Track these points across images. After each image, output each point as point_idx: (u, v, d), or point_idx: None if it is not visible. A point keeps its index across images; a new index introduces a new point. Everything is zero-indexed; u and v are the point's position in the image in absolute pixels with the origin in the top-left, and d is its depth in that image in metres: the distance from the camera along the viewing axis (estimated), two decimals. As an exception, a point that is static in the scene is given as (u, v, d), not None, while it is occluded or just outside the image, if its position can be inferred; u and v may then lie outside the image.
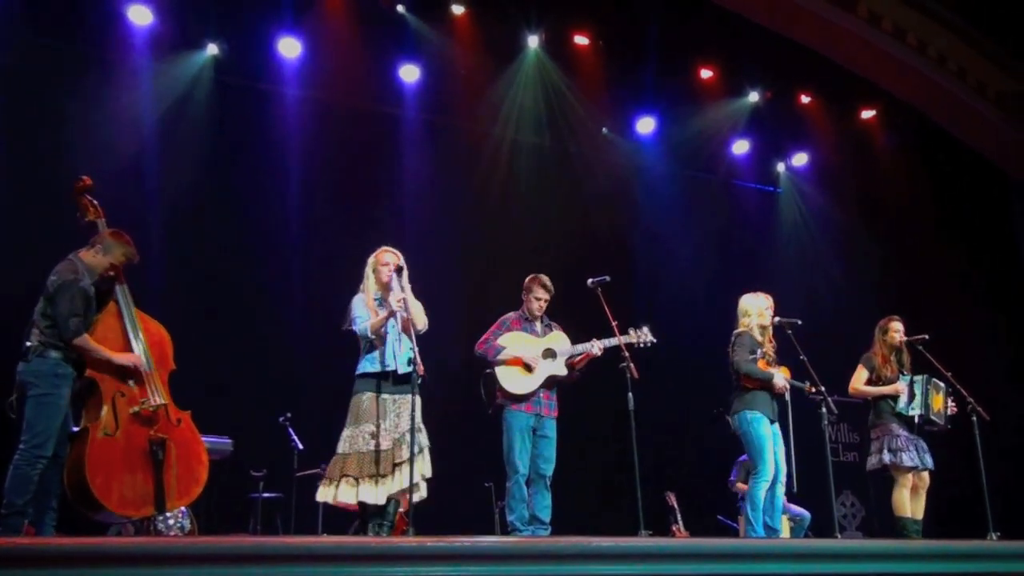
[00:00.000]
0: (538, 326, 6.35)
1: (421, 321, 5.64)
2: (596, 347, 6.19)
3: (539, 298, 6.33)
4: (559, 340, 6.29)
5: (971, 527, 7.14)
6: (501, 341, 6.22)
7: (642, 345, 6.21)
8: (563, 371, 6.24)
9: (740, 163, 11.52)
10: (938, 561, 4.82)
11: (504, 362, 6.17)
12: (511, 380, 6.14)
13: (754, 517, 6.32)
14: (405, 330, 5.52)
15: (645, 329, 6.27)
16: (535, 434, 6.12)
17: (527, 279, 6.43)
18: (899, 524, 6.86)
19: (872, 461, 7.00)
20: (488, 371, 6.23)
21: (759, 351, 6.48)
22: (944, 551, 5.04)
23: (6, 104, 7.70)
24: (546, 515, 6.00)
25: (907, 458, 6.80)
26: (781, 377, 6.46)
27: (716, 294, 9.41)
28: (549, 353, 6.23)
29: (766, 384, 6.41)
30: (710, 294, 9.89)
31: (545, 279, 6.38)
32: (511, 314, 6.39)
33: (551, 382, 6.23)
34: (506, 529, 6.06)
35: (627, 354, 5.98)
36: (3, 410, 5.04)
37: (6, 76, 7.69)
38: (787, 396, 6.47)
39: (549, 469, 6.09)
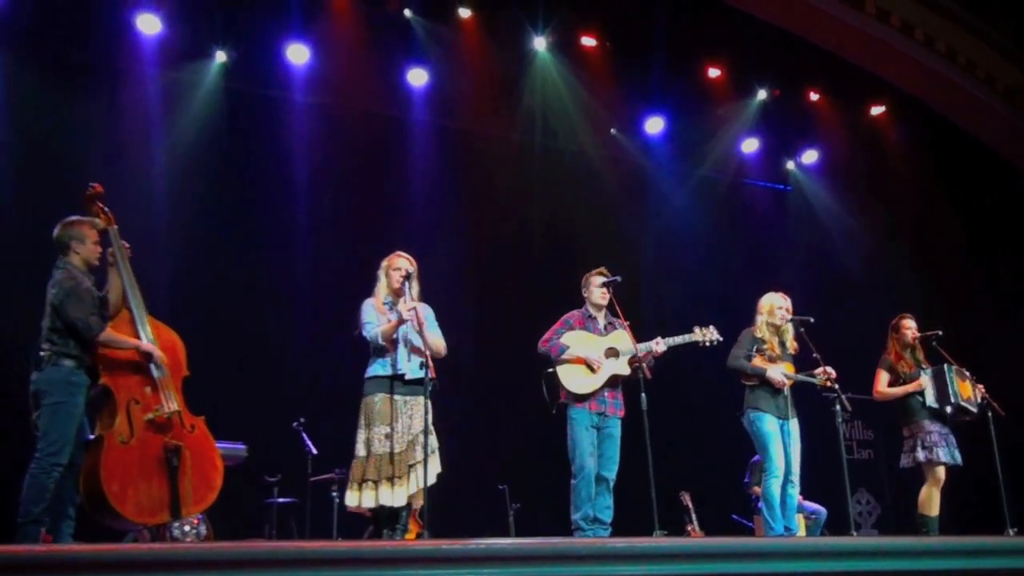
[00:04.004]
0: (601, 324, 6.26)
1: (440, 346, 5.67)
2: (659, 345, 6.12)
3: (600, 286, 6.27)
4: (622, 339, 6.17)
5: (988, 523, 7.09)
6: (564, 340, 6.15)
7: (708, 343, 6.16)
8: (626, 370, 6.11)
9: (750, 161, 11.49)
10: (955, 558, 4.78)
11: (567, 361, 6.10)
12: (573, 379, 6.07)
13: (770, 515, 6.28)
14: (416, 351, 5.53)
15: (712, 327, 6.22)
16: (599, 433, 6.03)
17: (583, 278, 6.37)
18: (920, 520, 6.80)
19: (906, 460, 6.91)
20: (550, 370, 6.15)
21: (756, 347, 6.44)
22: (961, 548, 5.00)
23: (15, 114, 7.73)
24: (607, 516, 5.93)
25: (943, 453, 6.73)
26: (777, 371, 6.37)
27: (727, 293, 9.39)
28: (612, 352, 6.15)
29: (764, 380, 6.39)
30: (721, 293, 9.86)
31: (599, 269, 6.32)
32: (575, 312, 6.31)
33: (614, 380, 6.13)
34: (570, 528, 5.94)
35: (640, 354, 5.99)
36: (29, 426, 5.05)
37: (15, 86, 7.73)
38: (786, 391, 6.41)
39: (613, 470, 6.00)
